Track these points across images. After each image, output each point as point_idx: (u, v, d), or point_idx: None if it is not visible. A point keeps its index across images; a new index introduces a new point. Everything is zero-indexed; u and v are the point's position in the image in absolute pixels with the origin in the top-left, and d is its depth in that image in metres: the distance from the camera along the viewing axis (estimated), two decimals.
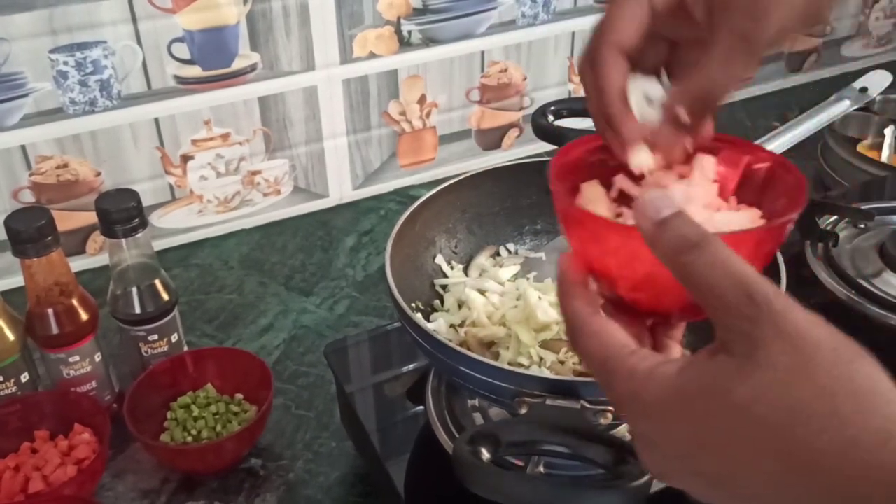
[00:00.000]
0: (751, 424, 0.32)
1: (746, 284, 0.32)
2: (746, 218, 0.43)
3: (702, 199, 0.44)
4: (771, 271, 0.64)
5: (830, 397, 0.30)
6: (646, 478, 0.46)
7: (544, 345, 0.66)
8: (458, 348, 0.58)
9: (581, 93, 0.46)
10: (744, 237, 0.39)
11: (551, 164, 0.44)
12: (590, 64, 0.44)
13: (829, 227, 0.87)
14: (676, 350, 0.44)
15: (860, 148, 1.16)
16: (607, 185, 0.46)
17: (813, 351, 0.31)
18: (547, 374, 0.63)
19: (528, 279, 0.75)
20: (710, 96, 0.43)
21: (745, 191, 0.45)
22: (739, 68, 0.42)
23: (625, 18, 0.43)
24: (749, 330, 0.32)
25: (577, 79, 1.26)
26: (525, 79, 1.23)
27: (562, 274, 0.41)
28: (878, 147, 1.15)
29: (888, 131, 1.15)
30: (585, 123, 0.75)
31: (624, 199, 0.45)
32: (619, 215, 0.44)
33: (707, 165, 0.45)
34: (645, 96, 0.44)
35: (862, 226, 0.88)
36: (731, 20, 0.41)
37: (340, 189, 1.18)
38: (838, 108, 0.72)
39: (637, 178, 0.45)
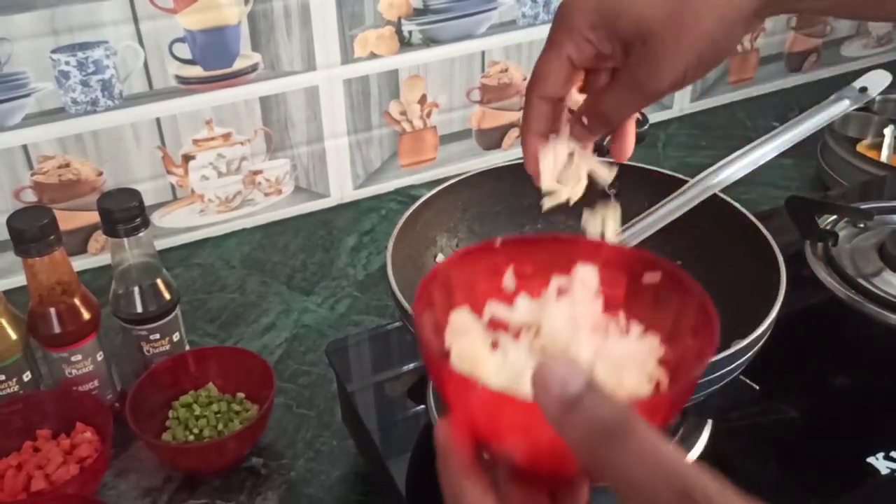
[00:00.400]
0: None
1: (682, 481, 0.28)
2: (645, 347, 0.39)
3: (587, 322, 0.40)
4: (771, 272, 0.65)
5: None
6: None
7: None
8: None
9: None
10: (660, 401, 0.34)
11: (417, 295, 0.39)
12: (524, 107, 0.53)
13: (828, 227, 0.87)
14: None
15: (860, 148, 1.16)
16: (478, 308, 0.42)
17: None
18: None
19: None
20: (606, 122, 0.52)
21: (635, 302, 0.41)
22: (631, 108, 0.51)
23: (548, 73, 0.51)
24: None
25: None
26: (525, 79, 1.23)
27: (441, 446, 0.36)
28: (878, 147, 1.15)
29: (888, 131, 1.15)
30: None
31: (498, 324, 0.42)
32: (494, 345, 0.40)
33: (588, 277, 0.41)
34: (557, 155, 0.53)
35: (861, 225, 0.88)
36: (631, 66, 0.48)
37: (341, 189, 1.18)
38: (838, 107, 0.72)
39: (509, 298, 0.42)
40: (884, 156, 1.14)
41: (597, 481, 0.35)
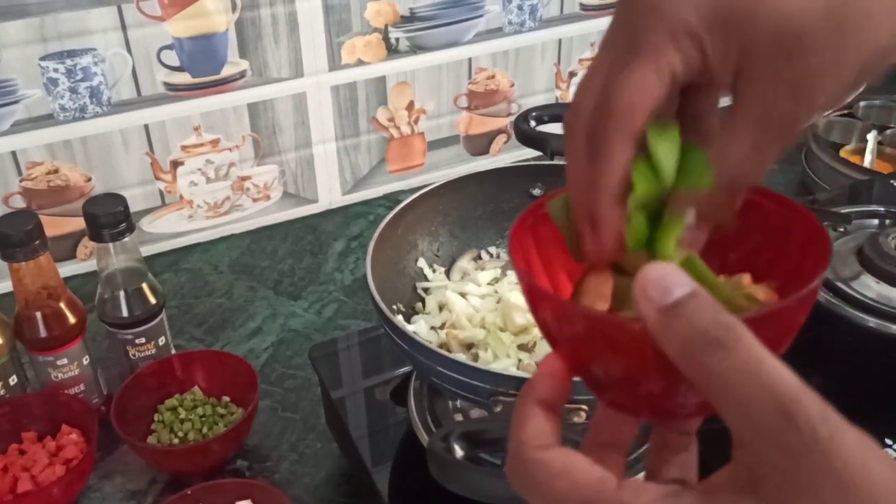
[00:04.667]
0: None
1: (785, 400, 0.25)
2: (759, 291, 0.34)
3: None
4: None
5: None
6: None
7: (522, 347, 0.67)
8: (435, 348, 0.59)
9: (567, 99, 0.39)
10: (773, 317, 0.29)
11: (511, 236, 0.36)
12: (589, 148, 0.33)
13: None
14: (684, 465, 0.35)
15: (843, 153, 1.17)
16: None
17: (871, 501, 0.25)
18: (522, 373, 0.64)
19: (508, 282, 0.76)
20: (736, 189, 0.33)
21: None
22: (770, 158, 0.33)
23: (641, 94, 0.32)
24: (785, 465, 0.25)
25: (563, 85, 1.28)
26: (512, 85, 1.24)
27: (528, 384, 0.33)
28: (861, 152, 1.16)
29: (870, 136, 1.16)
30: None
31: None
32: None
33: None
34: None
35: (841, 229, 0.89)
36: (766, 99, 0.32)
37: (330, 194, 1.19)
38: None
39: None
40: (867, 161, 1.15)
41: (706, 412, 0.32)
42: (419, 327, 0.72)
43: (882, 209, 0.90)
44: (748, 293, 0.32)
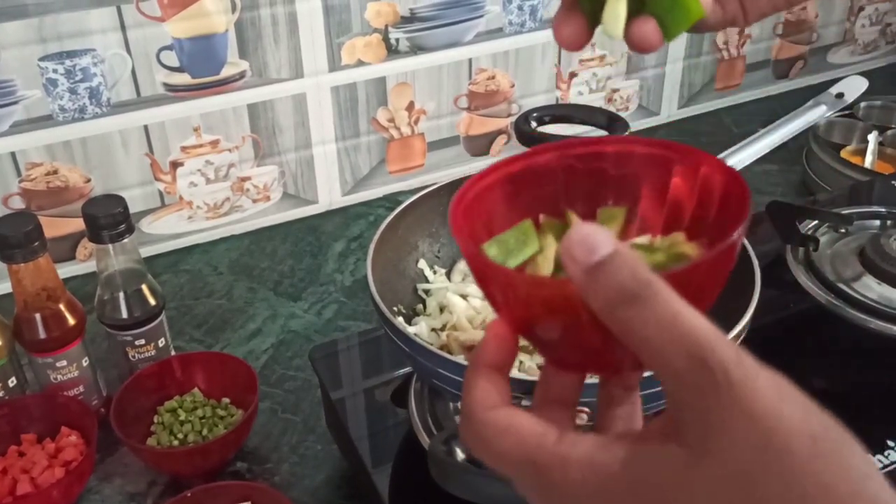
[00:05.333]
0: None
1: (699, 348, 0.27)
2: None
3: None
4: (746, 280, 0.65)
5: (801, 502, 0.25)
6: None
7: (523, 349, 0.67)
8: (436, 350, 0.59)
9: (567, 100, 0.43)
10: (691, 272, 0.31)
11: (451, 210, 0.37)
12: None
13: (809, 232, 0.88)
14: (630, 417, 0.36)
15: (844, 154, 1.17)
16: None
17: (783, 440, 0.25)
18: (522, 375, 0.64)
19: None
20: None
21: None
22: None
23: None
24: (702, 407, 0.26)
25: (564, 86, 1.28)
26: (513, 86, 1.24)
27: (476, 350, 0.34)
28: (862, 153, 1.16)
29: (871, 137, 1.16)
30: (567, 129, 0.77)
31: None
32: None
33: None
34: None
35: (843, 230, 0.89)
36: None
37: (330, 195, 1.19)
38: (815, 113, 0.73)
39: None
40: (867, 161, 1.15)
41: (642, 366, 0.32)
42: (420, 329, 0.72)
43: (883, 210, 0.90)
44: (680, 251, 0.34)
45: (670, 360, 0.27)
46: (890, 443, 0.69)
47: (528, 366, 0.66)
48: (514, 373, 0.65)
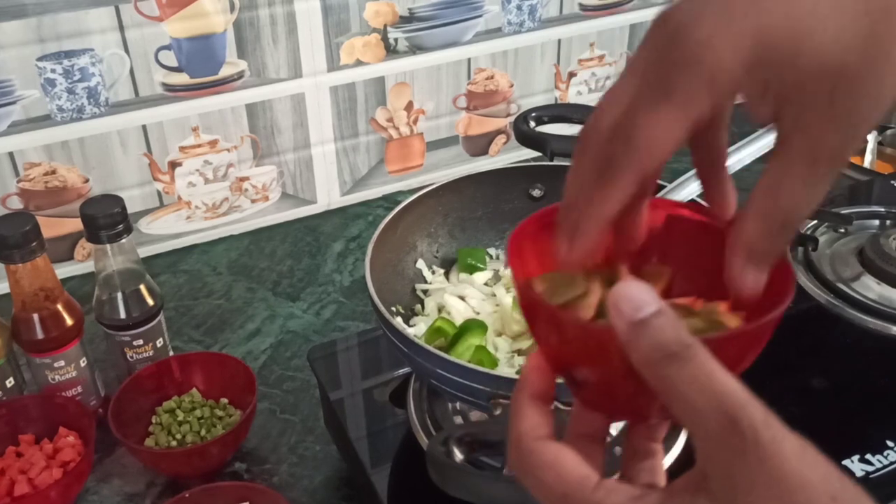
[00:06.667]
0: None
1: (731, 407, 0.28)
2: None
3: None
4: None
5: None
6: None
7: (520, 352, 0.67)
8: (435, 350, 0.58)
9: (566, 99, 0.41)
10: (728, 340, 0.33)
11: (513, 237, 0.38)
12: (596, 160, 0.34)
13: (808, 232, 0.88)
14: (652, 470, 0.38)
15: None
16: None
17: (804, 499, 0.27)
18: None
19: (503, 285, 0.76)
20: (790, 224, 0.33)
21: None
22: (821, 192, 0.33)
23: (663, 146, 0.33)
24: (731, 464, 0.28)
25: (563, 86, 1.28)
26: (512, 86, 1.24)
27: (521, 380, 0.36)
28: (861, 153, 1.16)
29: (870, 137, 1.16)
30: (566, 129, 0.77)
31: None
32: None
33: None
34: None
35: (842, 230, 0.89)
36: (814, 135, 0.32)
37: (328, 195, 1.19)
38: None
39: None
40: (867, 161, 1.14)
41: (669, 416, 0.35)
42: (419, 329, 0.72)
43: (882, 210, 0.90)
44: (719, 319, 0.36)
45: (703, 418, 0.29)
46: (889, 443, 0.69)
47: (517, 363, 0.66)
48: (511, 372, 0.65)
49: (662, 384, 0.30)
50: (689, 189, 0.70)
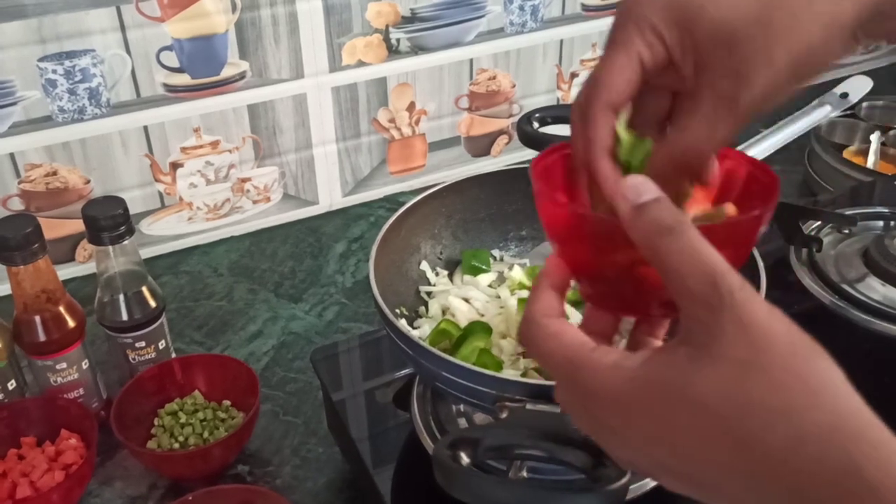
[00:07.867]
0: (704, 417, 0.33)
1: (712, 273, 0.33)
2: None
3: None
4: (750, 276, 0.65)
5: (783, 391, 0.31)
6: (622, 481, 0.47)
7: (525, 354, 0.66)
8: (440, 353, 0.58)
9: (569, 100, 0.47)
10: (717, 228, 0.38)
11: (533, 164, 0.44)
12: (580, 118, 0.43)
13: (813, 233, 0.87)
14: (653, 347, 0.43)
15: (846, 154, 1.17)
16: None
17: (769, 344, 0.32)
18: (527, 379, 0.64)
19: (507, 286, 0.75)
20: (692, 158, 0.41)
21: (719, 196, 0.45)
22: (722, 131, 0.40)
23: (614, 74, 0.42)
24: (708, 319, 0.33)
25: (565, 86, 1.27)
26: (514, 86, 1.24)
27: (538, 276, 0.42)
28: (864, 153, 1.16)
29: (874, 137, 1.15)
30: (569, 130, 0.76)
31: None
32: None
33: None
34: None
35: (846, 231, 0.88)
36: (714, 81, 0.40)
37: (330, 196, 1.18)
38: (819, 113, 0.72)
39: None
40: (870, 162, 1.14)
41: (668, 313, 0.41)
42: (423, 331, 0.71)
43: (887, 211, 0.90)
44: (716, 214, 0.43)
45: (689, 282, 0.33)
46: None
47: (523, 365, 0.66)
48: (516, 375, 0.65)
49: (657, 256, 0.35)
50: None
